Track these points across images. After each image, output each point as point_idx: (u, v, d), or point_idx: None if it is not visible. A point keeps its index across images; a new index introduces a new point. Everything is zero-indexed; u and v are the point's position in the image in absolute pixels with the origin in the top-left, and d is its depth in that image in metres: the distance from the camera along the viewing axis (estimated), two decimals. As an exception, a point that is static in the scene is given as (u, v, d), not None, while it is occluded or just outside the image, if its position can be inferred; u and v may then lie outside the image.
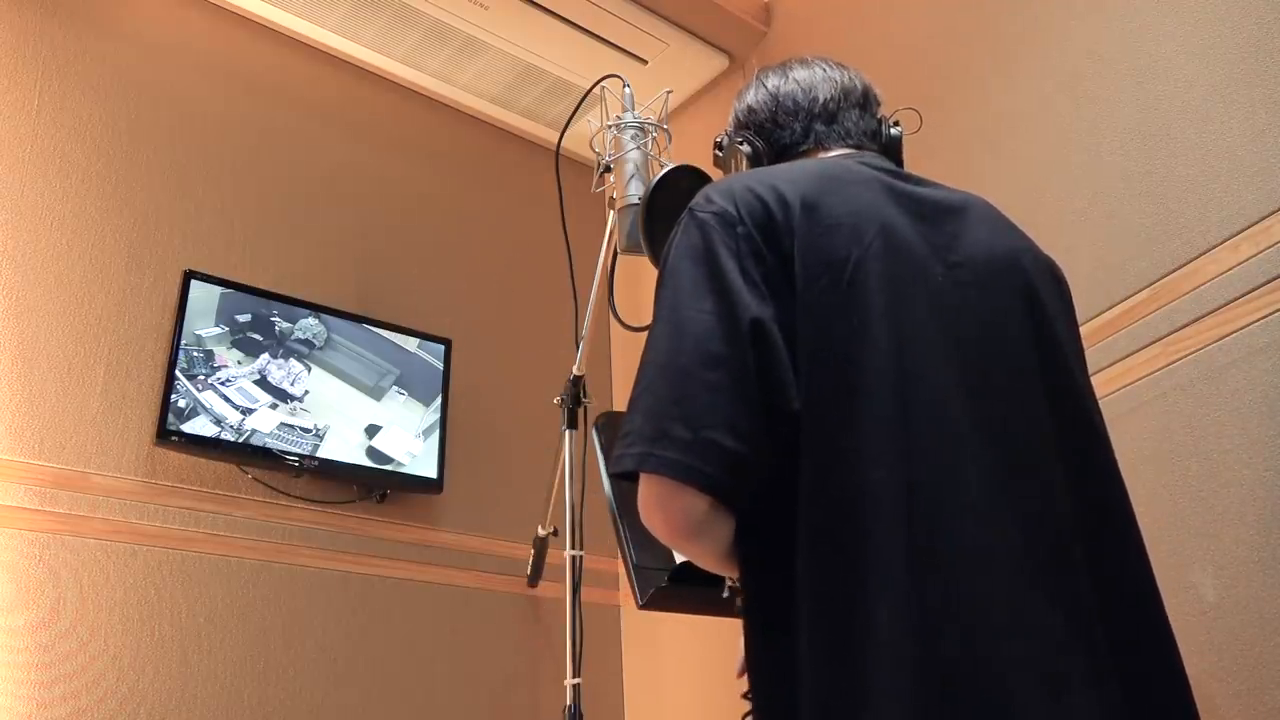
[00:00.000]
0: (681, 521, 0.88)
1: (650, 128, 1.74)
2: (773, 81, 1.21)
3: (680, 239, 0.95)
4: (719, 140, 1.27)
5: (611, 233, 1.81)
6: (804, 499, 0.86)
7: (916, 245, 0.97)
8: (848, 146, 1.16)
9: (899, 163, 1.20)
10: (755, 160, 1.17)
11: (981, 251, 1.01)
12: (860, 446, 0.86)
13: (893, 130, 1.21)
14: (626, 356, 3.00)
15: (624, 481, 0.91)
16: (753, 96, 1.22)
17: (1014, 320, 0.99)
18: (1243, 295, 1.49)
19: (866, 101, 1.20)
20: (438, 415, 2.49)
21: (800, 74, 1.20)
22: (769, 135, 1.18)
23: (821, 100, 1.17)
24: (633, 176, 1.69)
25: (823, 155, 1.15)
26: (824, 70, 1.20)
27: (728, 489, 0.86)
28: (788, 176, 0.99)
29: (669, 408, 0.86)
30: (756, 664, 0.90)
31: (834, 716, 0.80)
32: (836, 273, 0.91)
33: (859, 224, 0.95)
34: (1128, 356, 1.64)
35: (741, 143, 1.19)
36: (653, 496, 0.87)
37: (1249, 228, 1.50)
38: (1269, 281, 1.46)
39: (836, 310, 0.90)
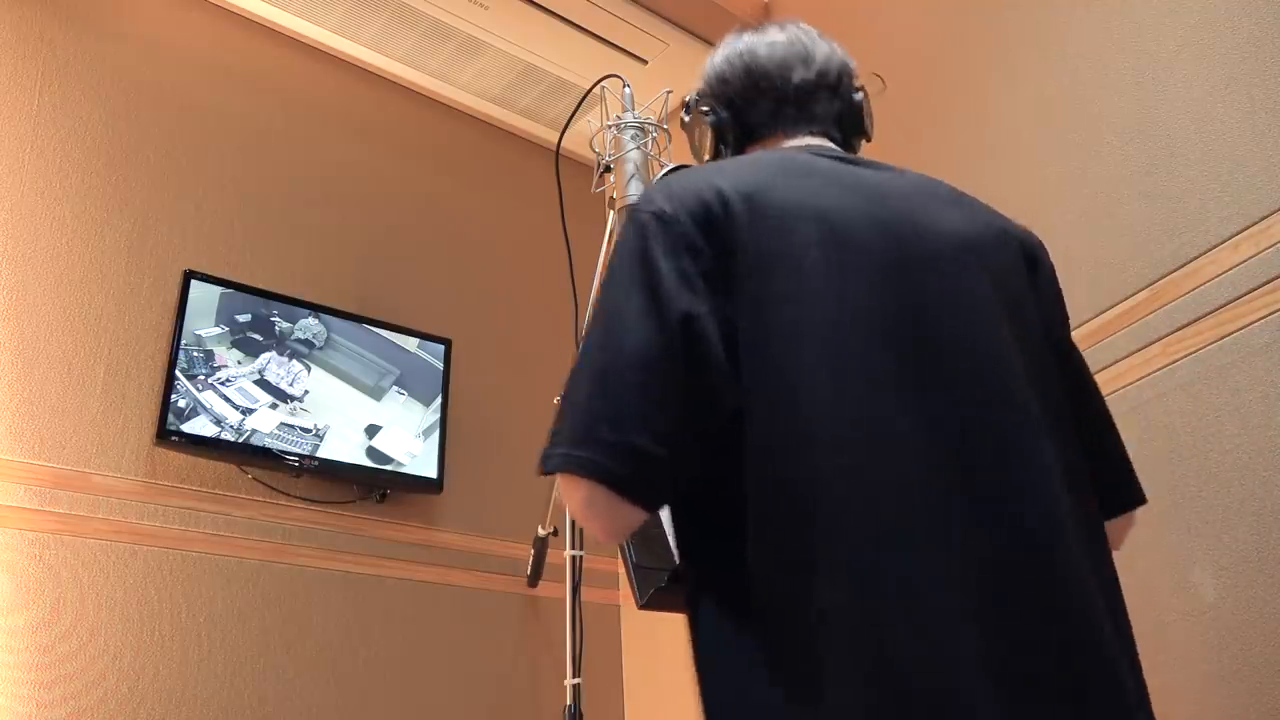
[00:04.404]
0: (603, 525, 0.87)
1: (650, 128, 1.74)
2: (746, 47, 1.16)
3: (620, 239, 0.94)
4: (688, 100, 1.22)
5: (611, 233, 1.81)
6: (750, 494, 0.85)
7: (864, 231, 0.94)
8: (812, 133, 1.12)
9: (857, 128, 1.16)
10: (718, 134, 1.15)
11: (936, 233, 0.98)
12: (801, 439, 0.84)
13: (855, 97, 1.16)
14: (626, 356, 3.00)
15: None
16: (725, 63, 1.17)
17: (973, 302, 0.95)
18: (1243, 295, 1.49)
19: (840, 81, 1.16)
20: (438, 415, 2.49)
21: (779, 46, 1.15)
22: (738, 109, 1.15)
23: (795, 83, 1.13)
24: (633, 176, 1.69)
25: (785, 144, 1.12)
26: (803, 46, 1.15)
27: (644, 493, 0.85)
28: (731, 172, 0.96)
29: (594, 408, 0.85)
30: (703, 661, 0.88)
31: (782, 714, 0.79)
32: (776, 264, 0.90)
33: (801, 214, 0.93)
34: (1128, 356, 1.64)
35: (707, 113, 1.16)
36: (575, 497, 0.86)
37: (1249, 228, 1.50)
38: (1269, 281, 1.46)
39: (776, 302, 0.88)
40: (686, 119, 1.22)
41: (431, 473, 2.43)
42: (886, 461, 0.84)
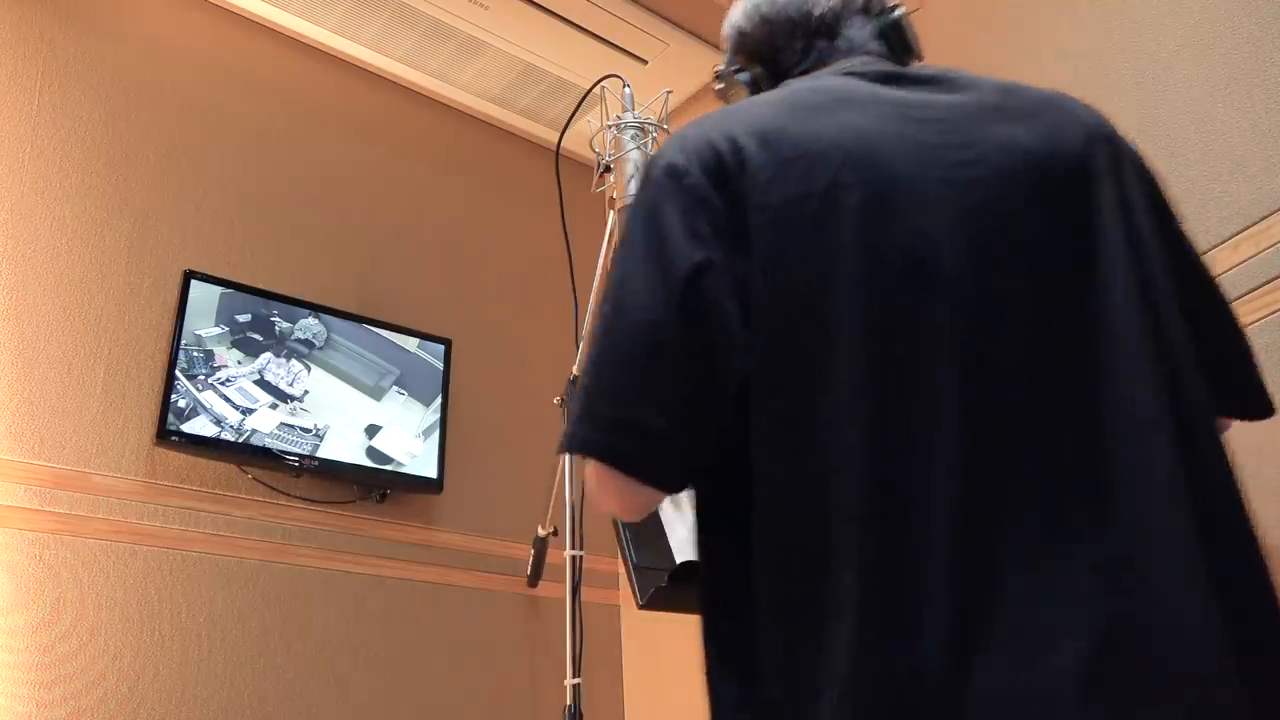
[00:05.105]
0: (617, 506, 0.83)
1: (650, 128, 1.74)
2: None
3: (634, 199, 0.88)
4: (718, 70, 1.15)
5: (611, 232, 1.81)
6: (758, 468, 0.78)
7: (908, 157, 0.84)
8: (851, 59, 1.02)
9: (906, 48, 1.07)
10: (755, 90, 1.07)
11: (1002, 148, 0.85)
12: (822, 407, 0.76)
13: (892, 16, 1.06)
14: (626, 356, 3.00)
15: None
16: (743, 17, 1.09)
17: (1038, 223, 0.82)
18: (1243, 295, 1.49)
19: (869, 2, 1.07)
20: (438, 415, 2.49)
21: None
22: (768, 60, 1.07)
23: (818, 14, 1.04)
24: (633, 176, 1.69)
25: (820, 73, 1.02)
26: None
27: (652, 471, 0.80)
28: (747, 114, 0.88)
29: (600, 384, 0.81)
30: (708, 650, 0.83)
31: (780, 712, 0.74)
32: (799, 210, 0.81)
33: (827, 150, 0.83)
34: (1128, 356, 1.63)
35: (738, 71, 1.09)
36: (593, 476, 0.82)
37: (1249, 228, 1.50)
38: (1269, 281, 1.46)
39: (798, 251, 0.80)
40: (720, 88, 1.15)
41: (431, 473, 2.43)
42: (922, 451, 0.75)
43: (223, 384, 2.19)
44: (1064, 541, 0.74)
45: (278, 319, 2.33)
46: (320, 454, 2.27)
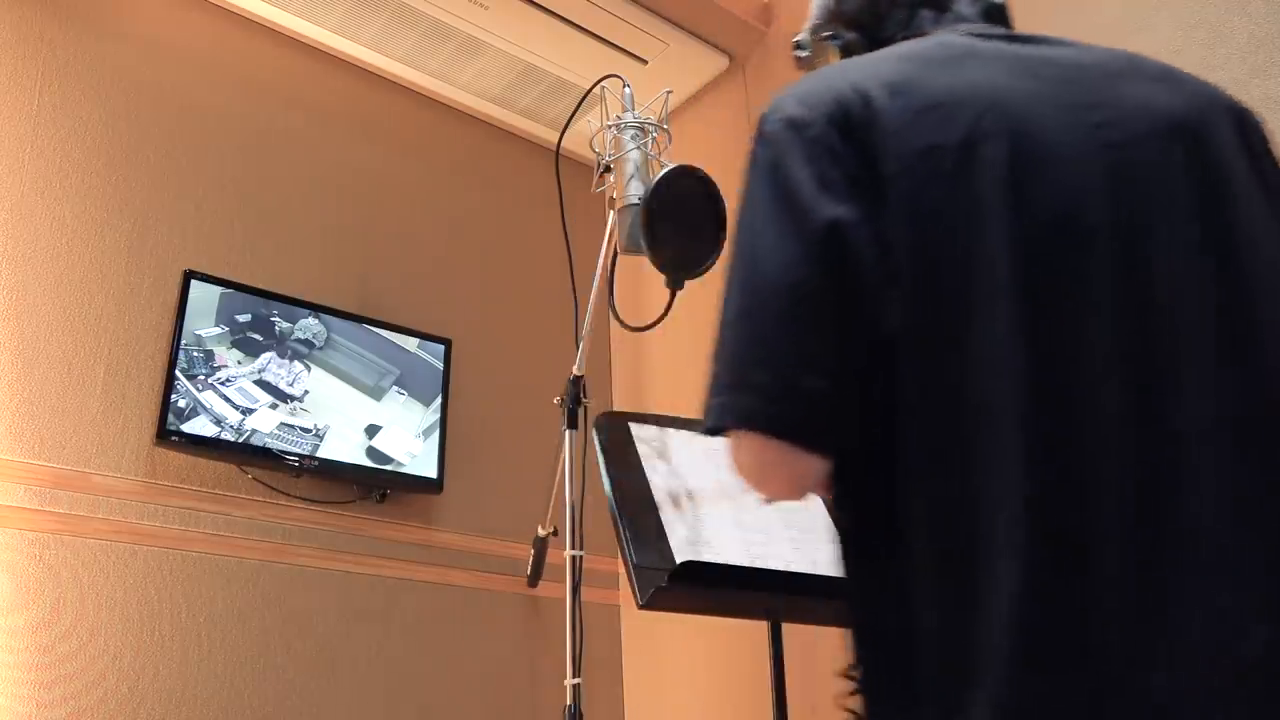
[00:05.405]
0: (781, 483, 0.78)
1: (650, 128, 1.74)
2: None
3: (749, 158, 0.84)
4: (799, 40, 1.10)
5: (611, 233, 1.81)
6: (904, 432, 0.74)
7: (1044, 113, 0.81)
8: (961, 25, 0.97)
9: (1009, 28, 1.02)
10: (848, 55, 1.01)
11: (1138, 109, 0.82)
12: (976, 359, 0.73)
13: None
14: (626, 356, 3.01)
15: (623, 479, 0.84)
16: None
17: (1179, 187, 0.80)
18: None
19: None
20: (438, 415, 2.49)
21: None
22: (867, 27, 1.01)
23: None
24: (633, 176, 1.69)
25: (936, 33, 0.97)
26: None
27: (818, 436, 0.76)
28: (868, 66, 0.84)
29: (744, 351, 0.77)
30: (859, 629, 0.79)
31: (945, 693, 0.70)
32: (936, 161, 0.77)
33: (961, 101, 0.80)
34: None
35: (831, 36, 1.03)
36: (742, 456, 0.77)
37: (1249, 228, 1.50)
38: (1269, 281, 1.46)
39: (940, 204, 0.76)
40: (804, 55, 1.10)
41: (431, 473, 2.43)
42: (1085, 421, 0.71)
43: (223, 384, 2.19)
44: (1244, 515, 0.70)
45: (278, 319, 2.33)
46: (320, 454, 2.27)
